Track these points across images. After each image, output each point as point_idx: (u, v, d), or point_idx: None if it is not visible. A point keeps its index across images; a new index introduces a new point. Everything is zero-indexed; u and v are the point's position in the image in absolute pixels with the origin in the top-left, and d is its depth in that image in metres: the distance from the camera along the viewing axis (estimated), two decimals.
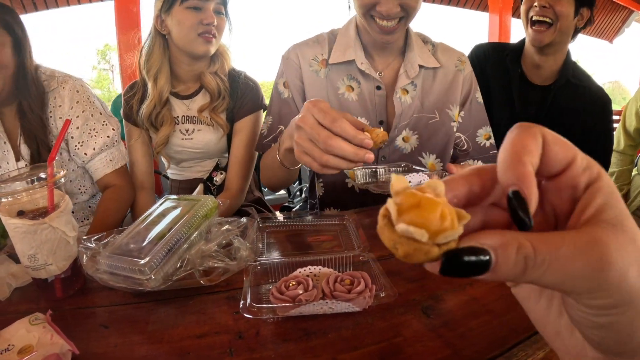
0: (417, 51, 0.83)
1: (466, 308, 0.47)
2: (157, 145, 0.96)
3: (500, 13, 2.67)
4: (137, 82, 0.99)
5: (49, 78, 0.87)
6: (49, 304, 0.49)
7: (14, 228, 0.47)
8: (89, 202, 0.99)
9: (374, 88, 0.82)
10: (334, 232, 0.65)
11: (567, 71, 0.96)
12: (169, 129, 0.94)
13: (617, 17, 4.09)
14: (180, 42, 0.89)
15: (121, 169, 0.93)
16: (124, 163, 0.94)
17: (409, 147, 0.84)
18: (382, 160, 0.87)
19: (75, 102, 0.87)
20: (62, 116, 0.87)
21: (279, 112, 0.84)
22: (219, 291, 0.52)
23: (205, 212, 0.56)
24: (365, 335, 0.43)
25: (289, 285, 0.47)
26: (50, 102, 0.87)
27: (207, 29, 0.87)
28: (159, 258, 0.49)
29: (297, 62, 0.83)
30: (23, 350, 0.41)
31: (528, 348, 0.42)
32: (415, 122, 0.83)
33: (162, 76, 0.92)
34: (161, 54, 0.92)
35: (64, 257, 0.50)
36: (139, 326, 0.46)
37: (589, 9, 0.91)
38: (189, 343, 0.43)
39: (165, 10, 0.87)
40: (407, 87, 0.82)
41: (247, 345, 0.42)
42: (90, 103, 0.90)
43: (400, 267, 0.56)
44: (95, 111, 0.90)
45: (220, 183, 0.99)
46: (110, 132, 0.91)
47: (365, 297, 0.45)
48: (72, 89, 0.88)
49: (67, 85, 0.87)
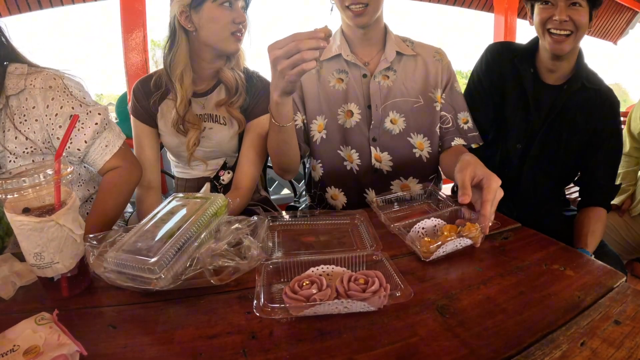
0: (395, 43, 0.94)
1: (481, 307, 0.47)
2: (189, 146, 0.93)
3: (505, 14, 2.68)
4: (154, 78, 0.95)
5: (17, 78, 0.77)
6: (54, 303, 0.48)
7: (20, 225, 0.46)
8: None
9: (361, 76, 0.93)
10: (345, 231, 0.65)
11: (581, 74, 0.96)
12: (199, 131, 0.92)
13: (622, 19, 4.10)
14: (211, 39, 0.87)
15: (120, 150, 0.86)
16: (121, 143, 0.87)
17: (397, 129, 0.94)
18: (372, 141, 0.93)
19: (50, 100, 0.78)
20: (38, 118, 0.78)
21: None
22: (230, 291, 0.51)
23: (215, 210, 0.56)
24: (381, 335, 0.43)
25: (303, 285, 0.46)
26: (22, 105, 0.78)
27: (238, 28, 0.87)
28: (169, 257, 0.48)
29: None
30: (29, 351, 0.39)
31: (545, 347, 0.41)
32: (401, 106, 0.93)
33: (188, 75, 0.90)
34: (186, 52, 0.90)
35: (71, 255, 0.49)
36: (148, 326, 0.45)
37: (596, 9, 0.92)
38: (201, 344, 0.42)
39: (195, 7, 0.85)
40: (387, 73, 0.93)
41: (261, 345, 0.41)
42: (68, 95, 0.80)
43: (412, 267, 0.56)
44: (75, 103, 0.81)
45: (227, 182, 0.98)
46: (97, 118, 0.83)
47: (380, 296, 0.44)
48: (44, 86, 0.78)
49: (37, 82, 0.78)
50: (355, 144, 0.93)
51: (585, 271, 0.55)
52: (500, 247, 0.62)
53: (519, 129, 1.02)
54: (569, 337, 0.42)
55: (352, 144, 0.93)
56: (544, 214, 1.04)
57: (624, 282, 0.52)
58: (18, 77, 0.77)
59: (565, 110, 0.97)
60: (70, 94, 0.81)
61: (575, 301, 0.48)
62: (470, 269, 0.56)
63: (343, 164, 0.95)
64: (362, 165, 0.94)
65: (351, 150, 0.94)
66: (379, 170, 0.94)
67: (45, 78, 0.79)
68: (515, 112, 1.02)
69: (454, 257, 0.59)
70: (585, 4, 0.88)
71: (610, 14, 4.01)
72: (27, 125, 0.79)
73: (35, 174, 0.48)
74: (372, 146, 0.93)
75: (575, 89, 0.95)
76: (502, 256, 0.59)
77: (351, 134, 0.93)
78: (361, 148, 0.93)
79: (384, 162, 0.94)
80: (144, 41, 1.54)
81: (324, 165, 0.98)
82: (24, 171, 0.49)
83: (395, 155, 0.94)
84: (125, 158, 0.87)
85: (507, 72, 1.03)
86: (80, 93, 0.83)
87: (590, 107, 0.96)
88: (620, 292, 0.50)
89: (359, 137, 0.93)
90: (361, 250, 0.53)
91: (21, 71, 0.78)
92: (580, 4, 0.88)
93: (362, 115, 0.92)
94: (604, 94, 0.97)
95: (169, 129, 0.95)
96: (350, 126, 0.92)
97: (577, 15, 0.88)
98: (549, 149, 1.00)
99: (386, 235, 0.64)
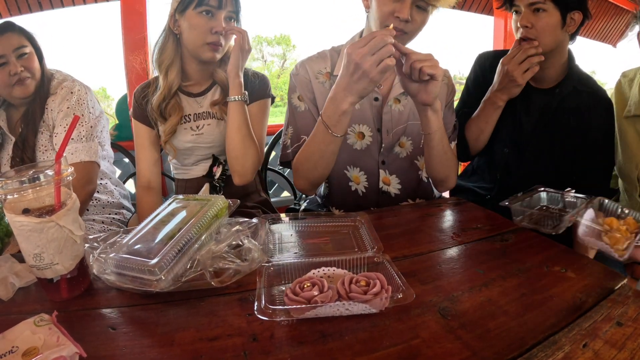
0: None
1: (482, 309, 0.47)
2: (164, 134, 0.95)
3: (505, 17, 2.67)
4: (150, 82, 1.00)
5: (58, 84, 1.00)
6: (54, 304, 0.48)
7: (20, 226, 0.46)
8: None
9: (372, 99, 0.90)
10: (346, 233, 0.65)
11: (572, 77, 0.96)
12: (177, 119, 0.94)
13: (621, 21, 4.09)
14: (189, 46, 0.91)
15: (77, 164, 0.94)
16: (86, 160, 0.97)
17: (405, 152, 0.93)
18: (382, 164, 0.92)
19: (65, 100, 0.98)
20: (53, 108, 0.98)
21: (299, 124, 0.90)
22: (230, 293, 0.51)
23: (215, 212, 0.55)
24: (383, 337, 0.43)
25: (304, 287, 0.46)
26: (49, 101, 0.98)
27: (215, 38, 0.88)
28: (169, 258, 0.48)
29: (306, 76, 0.91)
30: (28, 352, 0.39)
31: (547, 349, 0.41)
32: (409, 130, 0.92)
33: (173, 70, 0.93)
34: (173, 51, 0.93)
35: (71, 256, 0.49)
36: (148, 328, 0.45)
37: (579, 11, 0.90)
38: (202, 346, 0.42)
39: (180, 12, 0.88)
40: (400, 97, 0.91)
41: (262, 348, 0.41)
42: (78, 104, 0.99)
43: (414, 269, 0.56)
44: (77, 111, 0.98)
45: (218, 176, 0.98)
46: (81, 128, 0.98)
47: (382, 298, 0.44)
48: (68, 90, 0.99)
49: (65, 86, 0.99)
50: (364, 166, 0.92)
51: (586, 273, 0.55)
52: (501, 249, 0.62)
53: (508, 133, 1.02)
54: (571, 339, 0.42)
55: (360, 165, 0.92)
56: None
57: (624, 284, 0.52)
58: (59, 82, 1.00)
59: (558, 114, 0.97)
60: (80, 104, 1.00)
61: (577, 303, 0.48)
62: (472, 271, 0.56)
63: (348, 184, 0.94)
64: (369, 188, 0.93)
65: (359, 172, 0.93)
66: (386, 192, 0.93)
67: (71, 85, 1.01)
68: (503, 117, 1.02)
69: (455, 259, 0.59)
70: (552, 8, 0.87)
71: (609, 17, 4.01)
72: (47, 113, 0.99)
73: (36, 174, 0.48)
74: (381, 169, 0.92)
75: (566, 92, 0.96)
76: (503, 258, 0.59)
77: (361, 156, 0.92)
78: (369, 170, 0.92)
79: (392, 185, 0.93)
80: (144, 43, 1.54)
81: (330, 184, 0.97)
82: (24, 172, 0.49)
83: (402, 178, 0.93)
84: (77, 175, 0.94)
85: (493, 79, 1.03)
86: (87, 109, 1.00)
87: (584, 110, 0.96)
88: (622, 293, 0.50)
89: (368, 160, 0.92)
90: (362, 252, 0.53)
91: (63, 79, 1.02)
92: (544, 9, 0.87)
93: (373, 138, 0.91)
94: (597, 96, 0.97)
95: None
96: (360, 148, 0.91)
97: (539, 22, 0.87)
98: (544, 152, 1.01)
99: (388, 238, 0.64)
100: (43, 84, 0.99)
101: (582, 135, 0.97)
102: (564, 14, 0.88)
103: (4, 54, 0.92)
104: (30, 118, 0.97)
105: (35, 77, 0.97)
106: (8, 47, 0.92)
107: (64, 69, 1.06)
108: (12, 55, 0.92)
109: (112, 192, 1.14)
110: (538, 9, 0.87)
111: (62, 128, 0.97)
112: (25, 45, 0.95)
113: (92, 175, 0.99)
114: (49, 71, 1.02)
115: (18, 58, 0.94)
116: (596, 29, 4.07)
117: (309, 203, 1.08)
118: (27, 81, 0.95)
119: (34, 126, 0.97)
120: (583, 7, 0.90)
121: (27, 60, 0.95)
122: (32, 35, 0.98)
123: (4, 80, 0.93)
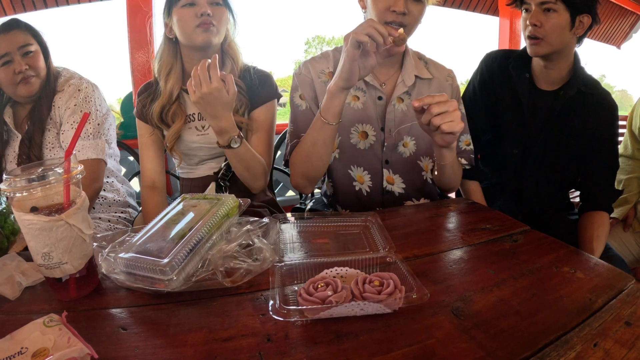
0: (414, 63, 0.92)
1: (495, 309, 0.47)
2: (168, 140, 0.95)
3: (510, 17, 2.68)
4: (152, 82, 0.99)
5: (65, 81, 1.00)
6: (62, 304, 0.47)
7: (28, 224, 0.45)
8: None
9: (376, 98, 0.90)
10: (357, 233, 0.64)
11: (577, 80, 0.96)
12: (180, 125, 0.93)
13: (625, 23, 4.07)
14: (183, 38, 0.90)
15: (84, 162, 0.94)
16: (93, 157, 0.97)
17: (408, 152, 0.93)
18: (385, 164, 0.92)
19: (72, 97, 0.99)
20: (60, 105, 0.99)
21: (299, 122, 0.90)
22: (242, 293, 0.50)
23: (226, 211, 0.55)
24: (398, 337, 0.42)
25: (318, 287, 0.45)
26: (56, 98, 0.99)
27: (203, 19, 0.88)
28: (181, 258, 0.47)
29: (308, 75, 0.91)
30: (37, 353, 0.38)
31: (559, 348, 0.41)
32: (413, 130, 0.92)
33: (173, 76, 0.93)
34: (171, 56, 0.93)
35: (80, 255, 0.48)
36: (160, 329, 0.44)
37: (588, 14, 0.90)
38: (215, 346, 0.41)
39: (168, 14, 0.90)
40: (403, 96, 0.91)
41: (277, 348, 0.41)
42: (85, 102, 0.99)
43: (426, 269, 0.56)
44: (84, 108, 0.98)
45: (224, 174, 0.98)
46: (88, 126, 0.97)
47: (396, 298, 0.44)
48: (75, 87, 0.99)
49: (73, 84, 0.99)
50: (367, 165, 0.92)
51: (595, 274, 0.55)
52: (511, 249, 0.63)
53: (515, 135, 1.03)
54: (582, 338, 0.42)
55: (364, 165, 0.92)
56: (548, 218, 1.05)
57: (633, 285, 0.53)
58: (66, 79, 1.02)
59: (563, 116, 0.98)
60: (87, 102, 1.00)
61: (587, 303, 0.48)
62: (483, 271, 0.56)
63: (352, 184, 0.94)
64: (372, 187, 0.93)
65: (363, 171, 0.93)
66: (390, 192, 0.94)
67: (79, 83, 1.01)
68: (510, 118, 1.03)
69: (466, 259, 0.59)
70: (562, 9, 0.88)
71: (613, 18, 3.99)
72: (54, 111, 1.01)
73: (45, 172, 0.47)
74: (384, 168, 0.92)
75: (571, 94, 0.96)
76: (513, 259, 0.60)
77: (364, 156, 0.92)
78: (373, 170, 0.93)
79: (396, 184, 0.93)
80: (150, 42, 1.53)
81: (334, 184, 0.97)
82: (32, 169, 0.48)
83: (406, 177, 0.94)
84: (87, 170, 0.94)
85: (502, 78, 1.04)
86: (94, 107, 1.01)
87: (588, 112, 0.97)
88: (630, 294, 0.50)
89: (372, 159, 0.92)
90: (374, 252, 0.53)
91: (70, 76, 1.04)
92: (554, 10, 0.88)
93: (376, 137, 0.91)
94: (601, 98, 0.98)
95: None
96: (364, 147, 0.91)
97: (548, 22, 0.88)
98: (550, 154, 1.01)
99: (398, 237, 0.64)
100: (49, 82, 0.98)
101: (587, 138, 0.98)
102: (573, 16, 0.89)
103: (9, 51, 0.91)
104: (37, 116, 0.97)
105: (40, 75, 0.96)
106: (13, 45, 0.91)
107: (69, 67, 1.06)
108: (17, 53, 0.92)
109: (118, 190, 1.13)
110: (549, 9, 0.88)
111: (69, 125, 0.96)
112: (30, 43, 0.94)
113: (99, 173, 0.98)
114: (55, 69, 1.01)
115: (23, 56, 0.93)
116: (600, 31, 4.06)
117: (315, 203, 1.08)
118: (31, 80, 0.94)
119: (41, 124, 0.96)
120: (592, 12, 0.90)
121: (32, 59, 0.94)
122: (38, 32, 0.97)
123: (9, 78, 0.92)
